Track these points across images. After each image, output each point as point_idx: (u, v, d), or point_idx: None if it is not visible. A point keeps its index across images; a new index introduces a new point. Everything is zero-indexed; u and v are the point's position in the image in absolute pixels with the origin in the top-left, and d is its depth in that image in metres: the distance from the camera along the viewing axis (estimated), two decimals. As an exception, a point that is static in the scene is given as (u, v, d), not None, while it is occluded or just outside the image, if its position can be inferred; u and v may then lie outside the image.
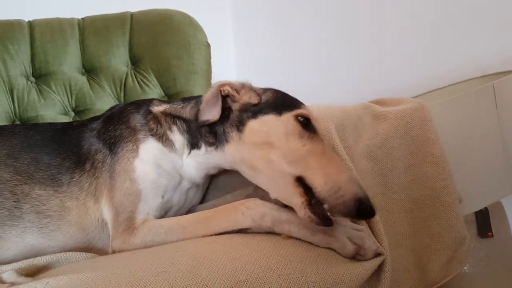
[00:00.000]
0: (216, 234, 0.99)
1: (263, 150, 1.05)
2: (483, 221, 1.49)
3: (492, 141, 1.37)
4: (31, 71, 1.84)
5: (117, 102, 1.90)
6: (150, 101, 1.29)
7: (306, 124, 1.05)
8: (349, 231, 0.92)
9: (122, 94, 1.92)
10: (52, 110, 1.83)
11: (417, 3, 1.88)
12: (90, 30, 1.95)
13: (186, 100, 1.28)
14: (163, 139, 1.19)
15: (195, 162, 1.22)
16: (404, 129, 1.18)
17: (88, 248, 1.16)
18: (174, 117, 1.24)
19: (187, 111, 1.23)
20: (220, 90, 1.15)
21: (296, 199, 0.94)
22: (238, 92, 1.15)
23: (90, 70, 1.94)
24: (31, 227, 1.14)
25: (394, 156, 1.17)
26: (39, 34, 1.86)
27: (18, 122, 1.78)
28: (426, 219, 1.12)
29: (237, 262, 0.83)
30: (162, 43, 1.93)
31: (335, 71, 2.30)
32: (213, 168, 1.24)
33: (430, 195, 1.13)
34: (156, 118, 1.23)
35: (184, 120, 1.23)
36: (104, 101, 1.89)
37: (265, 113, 1.10)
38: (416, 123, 1.18)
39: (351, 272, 0.87)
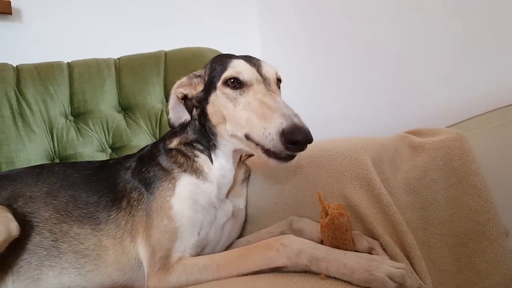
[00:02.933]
0: (251, 273, 0.97)
1: (223, 125, 1.19)
2: (533, 255, 1.42)
3: (537, 170, 1.31)
4: (70, 111, 1.90)
5: (153, 139, 1.93)
6: (162, 141, 1.34)
7: (236, 82, 1.14)
8: (389, 269, 0.88)
9: (157, 131, 1.95)
10: (90, 148, 1.87)
11: (451, 27, 1.85)
12: (126, 69, 2.01)
13: (183, 126, 1.33)
14: (194, 170, 1.22)
15: (220, 176, 1.25)
16: (444, 161, 1.15)
17: (125, 289, 1.16)
18: (190, 144, 1.28)
19: (191, 134, 1.29)
20: (177, 96, 1.28)
21: (256, 151, 1.08)
22: (191, 87, 1.28)
23: (126, 108, 1.99)
24: (68, 268, 1.15)
25: (434, 188, 1.13)
26: (77, 75, 1.92)
27: (57, 160, 1.83)
28: (471, 254, 1.07)
29: (274, 304, 0.80)
30: (195, 80, 1.96)
31: (367, 97, 2.28)
32: (230, 169, 1.28)
33: (474, 229, 1.08)
34: (180, 151, 1.26)
35: (196, 141, 1.28)
36: (140, 138, 1.93)
37: (210, 93, 1.21)
38: (455, 154, 1.14)
39: (393, 312, 0.83)
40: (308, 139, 0.95)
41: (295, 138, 0.95)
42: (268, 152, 1.03)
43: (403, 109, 2.08)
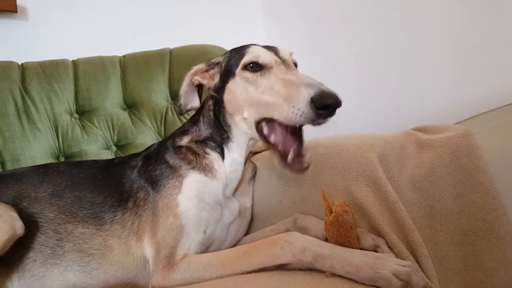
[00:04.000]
0: (255, 270, 0.97)
1: (239, 114, 1.19)
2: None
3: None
4: (75, 108, 1.90)
5: (158, 136, 1.93)
6: (171, 138, 1.33)
7: (255, 66, 1.14)
8: (394, 267, 0.87)
9: (162, 128, 1.95)
10: (95, 145, 1.87)
11: (458, 24, 1.83)
12: (131, 67, 2.00)
13: (194, 121, 1.32)
14: (203, 167, 1.21)
15: (230, 172, 1.25)
16: (450, 158, 1.13)
17: (130, 286, 1.16)
18: (202, 142, 1.27)
19: (204, 130, 1.28)
20: (192, 82, 1.29)
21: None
22: (207, 74, 1.29)
23: (131, 106, 1.98)
24: (72, 266, 1.15)
25: (440, 186, 1.12)
26: (82, 73, 1.92)
27: (63, 158, 1.83)
28: (478, 253, 1.06)
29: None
30: (200, 77, 1.95)
31: (373, 95, 2.27)
32: (241, 163, 1.28)
33: (481, 227, 1.07)
34: (190, 149, 1.25)
35: (208, 138, 1.27)
36: (145, 135, 1.93)
37: (227, 82, 1.21)
38: (462, 151, 1.13)
39: (399, 311, 0.82)
40: (338, 102, 0.95)
41: (326, 102, 0.95)
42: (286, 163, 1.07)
43: (408, 107, 2.07)
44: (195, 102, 1.32)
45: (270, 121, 1.11)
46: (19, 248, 1.13)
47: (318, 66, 2.54)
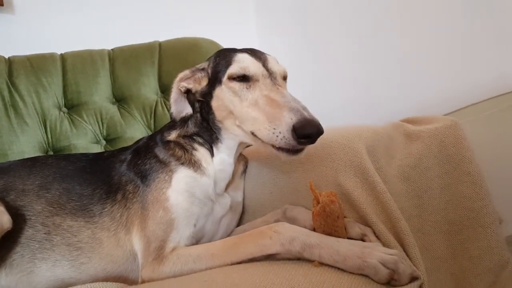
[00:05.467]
0: (245, 261, 0.97)
1: (231, 119, 1.18)
2: (527, 242, 1.42)
3: (532, 158, 1.31)
4: (63, 102, 1.88)
5: (147, 130, 1.93)
6: (160, 133, 1.33)
7: (242, 77, 1.13)
8: (381, 255, 0.88)
9: (152, 122, 1.94)
10: (84, 139, 1.86)
11: (448, 18, 1.85)
12: (120, 60, 1.99)
13: (184, 119, 1.31)
14: (192, 163, 1.21)
15: (219, 171, 1.25)
16: (438, 148, 1.14)
17: (120, 281, 1.15)
18: (190, 137, 1.27)
19: (191, 127, 1.28)
20: (180, 89, 1.27)
21: (264, 146, 1.08)
22: (195, 81, 1.27)
23: (120, 99, 1.97)
24: (61, 260, 1.14)
25: (428, 176, 1.13)
26: (70, 66, 1.91)
27: (51, 152, 1.82)
28: (465, 241, 1.08)
29: (267, 291, 0.80)
30: (190, 71, 1.95)
31: (364, 89, 2.28)
32: (230, 164, 1.28)
33: (468, 216, 1.09)
34: (178, 144, 1.25)
35: (197, 134, 1.27)
36: (134, 129, 1.92)
37: (214, 88, 1.20)
38: (450, 142, 1.14)
39: (386, 299, 0.83)
40: (319, 131, 0.95)
41: (307, 132, 0.95)
42: (278, 148, 1.04)
43: (400, 99, 2.08)
44: (189, 109, 1.29)
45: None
46: (6, 243, 1.12)
47: (310, 60, 2.55)
